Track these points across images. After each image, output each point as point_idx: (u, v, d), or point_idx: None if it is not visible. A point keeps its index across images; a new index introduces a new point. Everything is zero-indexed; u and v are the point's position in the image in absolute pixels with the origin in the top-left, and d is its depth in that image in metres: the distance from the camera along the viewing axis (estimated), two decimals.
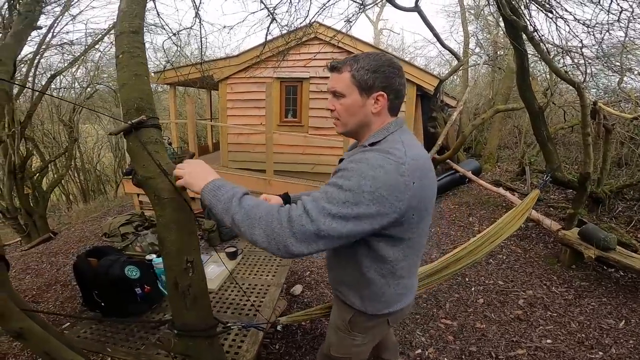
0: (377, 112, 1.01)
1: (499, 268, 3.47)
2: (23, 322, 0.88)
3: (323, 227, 0.84)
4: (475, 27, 9.90)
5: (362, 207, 0.86)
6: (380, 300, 1.09)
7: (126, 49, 1.20)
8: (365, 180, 0.86)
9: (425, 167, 0.97)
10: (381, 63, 0.99)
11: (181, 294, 1.03)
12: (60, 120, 7.50)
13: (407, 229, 0.98)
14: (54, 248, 5.02)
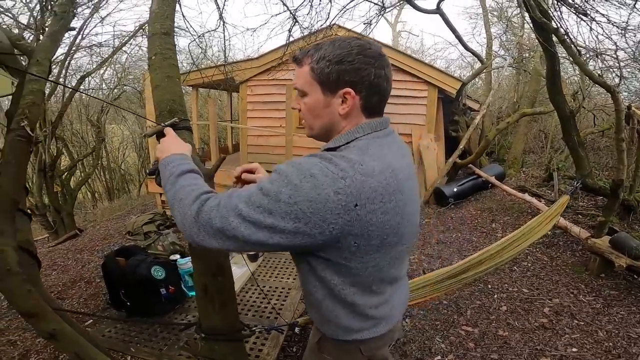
0: (345, 113, 0.81)
1: (524, 276, 3.38)
2: (55, 323, 0.88)
3: (229, 227, 0.72)
4: (499, 28, 9.69)
5: (276, 218, 0.70)
6: (338, 325, 0.89)
7: (158, 50, 1.22)
8: (286, 189, 0.70)
9: (388, 189, 0.75)
10: (347, 51, 0.77)
11: (210, 298, 1.02)
12: (89, 121, 7.77)
13: (348, 256, 0.77)
14: (80, 245, 5.18)
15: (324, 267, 0.81)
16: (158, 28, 1.30)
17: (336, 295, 0.84)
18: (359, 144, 0.79)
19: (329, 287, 0.83)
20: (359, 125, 0.82)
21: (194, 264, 1.03)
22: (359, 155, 0.75)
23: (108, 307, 3.06)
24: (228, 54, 4.17)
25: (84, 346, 0.91)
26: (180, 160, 0.90)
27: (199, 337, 1.13)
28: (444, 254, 4.07)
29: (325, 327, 0.93)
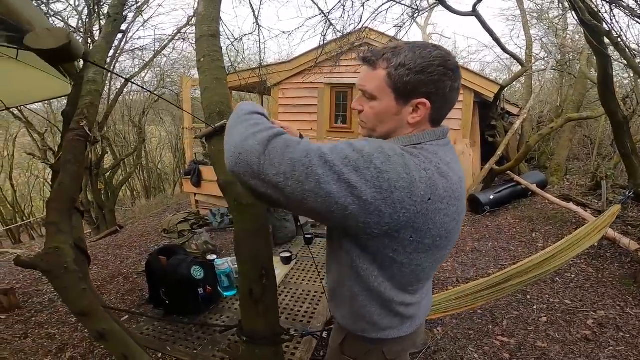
0: (414, 122, 0.79)
1: (567, 287, 3.22)
2: (106, 322, 0.89)
3: (306, 162, 0.65)
4: (539, 30, 9.28)
5: (360, 178, 0.65)
6: (368, 321, 0.89)
7: (207, 52, 1.23)
8: (379, 155, 0.67)
9: (452, 189, 0.75)
10: (430, 61, 0.74)
11: (254, 301, 1.01)
12: (131, 122, 8.14)
13: (399, 249, 0.76)
14: (119, 241, 5.41)
15: (369, 260, 0.79)
16: (205, 30, 1.32)
17: (373, 290, 0.83)
18: (427, 148, 0.78)
19: (368, 281, 0.82)
20: (426, 131, 0.81)
21: (240, 267, 1.02)
22: (432, 157, 0.75)
23: (144, 304, 3.17)
24: (263, 57, 4.22)
25: (131, 347, 0.92)
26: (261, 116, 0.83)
27: (239, 340, 1.13)
28: (479, 263, 3.92)
29: (353, 324, 0.92)
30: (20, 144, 12.11)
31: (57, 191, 0.92)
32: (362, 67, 0.81)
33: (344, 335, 0.98)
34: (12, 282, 4.05)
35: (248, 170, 0.67)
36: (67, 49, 0.48)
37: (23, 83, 2.26)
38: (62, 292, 0.85)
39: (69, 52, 0.49)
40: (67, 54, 0.49)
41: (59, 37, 0.47)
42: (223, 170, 1.04)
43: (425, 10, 5.58)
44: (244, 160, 0.67)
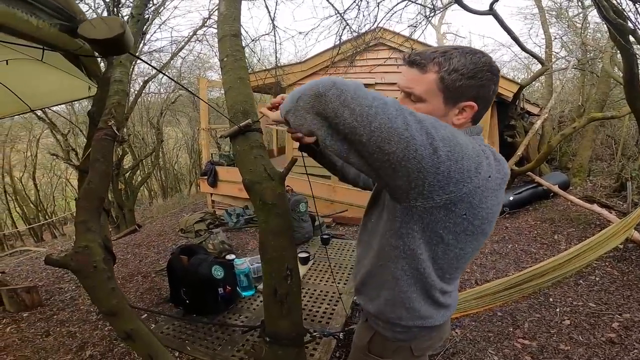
0: (459, 123, 0.83)
1: (591, 290, 3.15)
2: (133, 323, 0.89)
3: (393, 103, 0.68)
4: (558, 28, 9.05)
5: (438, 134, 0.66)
6: (403, 306, 0.90)
7: (229, 52, 1.23)
8: (449, 127, 0.70)
9: (502, 179, 0.80)
10: (480, 66, 0.77)
11: (278, 302, 1.00)
12: (150, 123, 8.30)
13: (450, 226, 0.78)
14: (138, 240, 5.51)
15: (418, 235, 0.81)
16: (227, 30, 1.32)
17: (417, 272, 0.86)
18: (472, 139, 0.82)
19: (414, 262, 0.84)
20: (468, 128, 0.85)
21: (264, 267, 1.01)
22: (487, 148, 0.80)
23: (161, 302, 3.21)
24: (279, 58, 4.23)
25: (157, 348, 0.92)
26: None
27: (262, 340, 1.12)
28: (499, 265, 3.85)
29: (390, 311, 0.93)
30: (43, 145, 12.51)
31: (86, 190, 0.93)
32: (406, 68, 0.83)
33: (371, 333, 0.99)
34: (35, 279, 4.15)
35: (341, 97, 0.68)
36: (121, 39, 0.48)
37: (47, 85, 2.33)
38: (90, 292, 0.85)
39: (123, 43, 0.48)
40: (121, 45, 0.49)
41: (114, 26, 0.46)
42: (248, 170, 1.03)
43: (441, 9, 5.51)
44: (340, 87, 0.69)
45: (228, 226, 5.48)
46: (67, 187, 14.99)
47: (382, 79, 6.49)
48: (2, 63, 1.80)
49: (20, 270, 4.72)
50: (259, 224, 1.00)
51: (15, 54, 1.77)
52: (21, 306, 3.14)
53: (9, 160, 12.54)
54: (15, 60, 1.85)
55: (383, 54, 6.16)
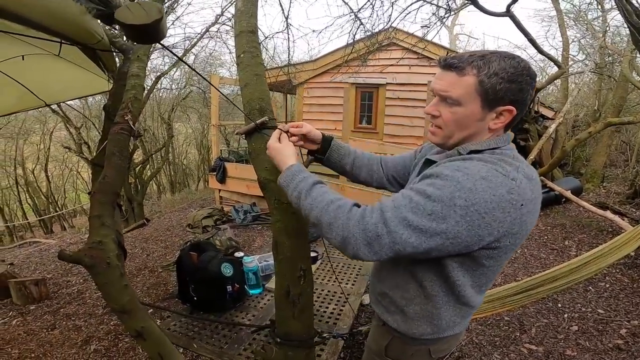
0: (495, 128, 0.82)
1: (600, 296, 3.13)
2: (145, 320, 0.87)
3: (399, 240, 0.74)
4: (576, 31, 8.88)
5: (450, 222, 0.71)
6: (430, 322, 0.90)
7: (246, 48, 1.22)
8: (460, 192, 0.71)
9: (536, 190, 0.79)
10: (520, 70, 0.77)
11: (291, 302, 0.99)
12: (161, 118, 8.36)
13: (494, 255, 0.80)
14: (146, 234, 5.55)
15: (457, 266, 0.82)
16: (244, 26, 1.31)
17: (452, 294, 0.86)
18: (505, 152, 0.82)
19: (450, 285, 0.85)
20: (500, 136, 0.85)
21: (277, 266, 1.00)
22: (513, 160, 0.79)
23: (167, 298, 3.22)
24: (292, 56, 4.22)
25: (168, 347, 0.90)
26: (303, 172, 0.91)
27: (272, 341, 1.10)
28: (508, 270, 3.81)
29: (411, 324, 0.92)
30: (56, 138, 12.69)
31: (102, 184, 0.92)
32: (442, 72, 0.82)
33: (389, 337, 0.98)
34: (44, 272, 4.19)
35: (356, 257, 0.78)
36: (158, 26, 0.46)
37: (63, 80, 2.34)
38: (103, 288, 0.84)
39: (159, 30, 0.46)
40: (158, 32, 0.47)
41: (151, 12, 0.45)
42: (263, 168, 1.02)
43: (456, 10, 5.44)
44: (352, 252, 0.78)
45: (235, 223, 5.49)
46: (77, 179, 15.20)
47: (394, 79, 6.45)
48: (18, 58, 1.81)
49: (29, 262, 4.78)
50: (273, 223, 0.98)
51: (32, 49, 1.78)
52: (29, 299, 3.16)
53: (22, 152, 12.75)
54: (31, 56, 1.86)
55: (395, 54, 6.12)
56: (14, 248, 7.52)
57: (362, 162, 1.15)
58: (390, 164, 1.16)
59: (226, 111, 10.34)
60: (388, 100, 6.58)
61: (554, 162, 5.08)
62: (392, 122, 6.57)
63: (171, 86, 8.98)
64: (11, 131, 11.70)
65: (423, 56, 6.05)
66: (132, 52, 1.38)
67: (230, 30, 7.24)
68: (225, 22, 7.08)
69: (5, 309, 3.10)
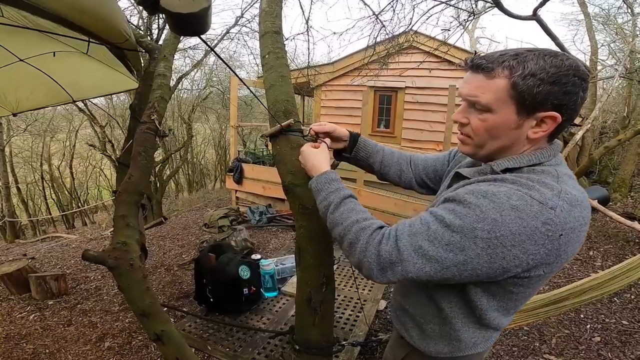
0: (536, 137, 0.70)
1: (625, 307, 3.02)
2: (164, 323, 0.86)
3: (412, 269, 0.69)
4: (605, 35, 8.60)
5: (469, 254, 0.65)
6: (448, 342, 0.84)
7: (271, 49, 1.20)
8: (482, 224, 0.64)
9: (582, 216, 0.68)
10: (564, 70, 0.65)
11: (312, 310, 0.96)
12: (181, 118, 8.50)
13: (523, 283, 0.72)
14: (163, 232, 5.63)
15: (480, 291, 0.75)
16: (269, 26, 1.29)
17: (474, 316, 0.80)
18: (548, 170, 0.71)
19: (472, 309, 0.78)
20: (543, 149, 0.73)
21: (299, 273, 0.97)
22: (557, 182, 0.68)
23: (182, 297, 3.23)
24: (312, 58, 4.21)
25: (186, 353, 0.89)
26: (337, 182, 0.89)
27: (291, 348, 1.08)
28: None
29: (427, 343, 0.87)
30: (82, 135, 13.10)
31: (127, 184, 0.92)
32: (469, 74, 0.73)
33: (406, 351, 0.93)
34: (64, 267, 4.28)
35: (371, 278, 0.76)
36: (205, 15, 0.43)
37: (90, 77, 2.39)
38: (125, 290, 0.83)
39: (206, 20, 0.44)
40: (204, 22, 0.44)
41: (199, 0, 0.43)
42: (288, 172, 0.99)
43: (480, 14, 5.34)
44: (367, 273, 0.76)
45: (250, 224, 5.51)
46: (100, 176, 15.64)
47: (413, 83, 6.36)
48: (49, 55, 1.86)
49: (50, 256, 4.89)
50: (296, 229, 0.96)
51: (62, 47, 1.82)
52: (47, 294, 3.19)
53: (48, 149, 13.21)
54: (61, 53, 1.91)
55: (415, 57, 6.04)
56: (37, 242, 7.76)
57: (390, 161, 1.11)
58: (420, 165, 1.10)
59: (244, 112, 10.45)
60: (407, 104, 6.49)
61: (580, 170, 4.90)
62: (411, 126, 6.49)
63: (192, 87, 9.16)
64: (39, 128, 12.14)
65: (444, 60, 5.95)
66: (157, 51, 1.39)
67: (249, 32, 7.32)
68: (244, 24, 7.16)
69: (23, 303, 3.15)
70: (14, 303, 3.16)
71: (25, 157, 13.34)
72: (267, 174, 5.93)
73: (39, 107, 2.66)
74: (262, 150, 7.39)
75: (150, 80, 1.21)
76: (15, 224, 10.03)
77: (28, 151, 13.27)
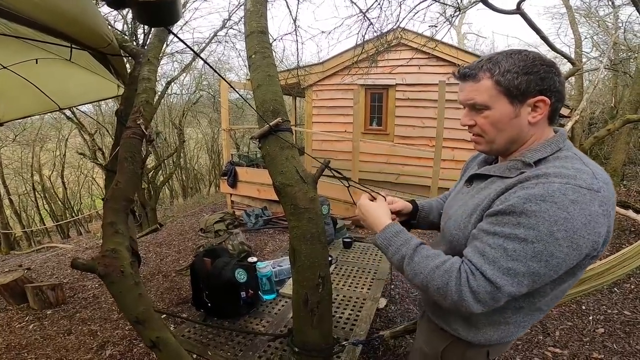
0: (535, 121, 0.80)
1: (626, 298, 3.07)
2: (160, 330, 0.84)
3: (513, 289, 0.74)
4: (588, 28, 8.76)
5: (559, 255, 0.71)
6: (497, 329, 0.90)
7: (257, 49, 1.19)
8: (557, 226, 0.69)
9: (611, 189, 0.76)
10: (530, 61, 0.78)
11: (309, 311, 0.95)
12: (172, 123, 8.45)
13: (586, 264, 0.78)
14: (159, 239, 5.58)
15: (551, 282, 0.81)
16: (255, 26, 1.28)
17: (529, 302, 0.85)
18: (569, 155, 0.79)
19: (534, 297, 0.84)
20: (557, 134, 0.83)
21: (295, 275, 0.96)
22: (585, 165, 0.76)
23: (181, 302, 3.20)
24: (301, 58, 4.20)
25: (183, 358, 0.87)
26: (402, 232, 0.92)
27: (290, 350, 1.06)
28: None
29: (475, 332, 0.91)
30: (72, 144, 12.96)
31: (114, 190, 0.90)
32: (461, 84, 0.85)
33: (448, 341, 0.98)
34: (60, 277, 4.24)
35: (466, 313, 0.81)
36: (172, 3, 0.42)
37: (75, 84, 2.36)
38: (117, 298, 0.81)
39: (173, 9, 0.42)
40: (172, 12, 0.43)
41: None
42: (279, 171, 0.98)
43: (465, 9, 5.38)
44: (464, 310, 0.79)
45: (247, 227, 5.48)
46: (92, 185, 15.48)
47: (403, 80, 6.37)
48: (32, 62, 1.82)
49: (46, 266, 4.84)
50: (289, 230, 0.94)
51: (45, 54, 1.79)
52: (45, 304, 3.17)
53: (38, 159, 13.04)
54: (44, 60, 1.87)
55: (404, 54, 6.05)
56: (32, 253, 7.66)
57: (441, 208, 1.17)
58: None
59: (236, 115, 10.41)
60: (398, 101, 6.51)
61: None
62: (403, 123, 6.50)
63: (181, 91, 9.10)
64: (27, 138, 11.98)
65: (432, 56, 5.97)
66: (142, 56, 1.37)
67: (238, 34, 7.28)
68: (232, 26, 7.12)
69: (22, 313, 3.13)
70: (13, 313, 3.14)
71: (16, 168, 13.16)
72: (261, 177, 5.90)
73: (26, 115, 2.62)
74: (256, 153, 7.37)
75: (136, 84, 1.19)
76: (9, 236, 9.89)
77: (18, 162, 13.10)
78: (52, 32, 0.77)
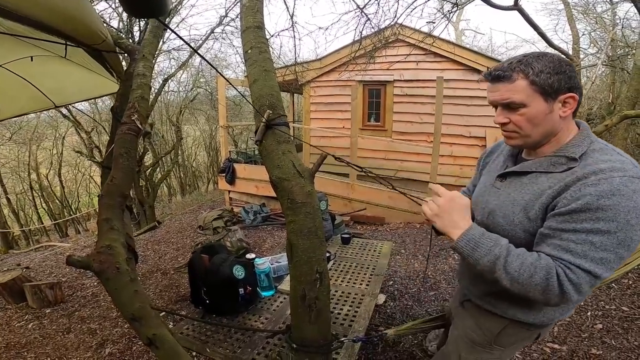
0: (565, 116, 0.90)
1: (624, 294, 3.06)
2: (157, 327, 0.84)
3: (607, 275, 0.83)
4: (586, 24, 8.77)
5: (636, 239, 0.81)
6: (560, 307, 1.02)
7: (254, 44, 1.18)
8: (630, 215, 0.80)
9: None
10: (559, 63, 0.87)
11: (307, 307, 0.94)
12: (169, 120, 8.41)
13: None
14: (158, 236, 5.57)
15: None
16: (251, 21, 1.27)
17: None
18: (602, 147, 0.89)
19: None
20: (583, 128, 0.94)
21: (292, 270, 0.96)
22: (621, 155, 0.87)
23: (180, 300, 3.20)
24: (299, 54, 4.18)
25: (181, 357, 0.86)
26: (485, 236, 0.93)
27: (288, 346, 1.06)
28: None
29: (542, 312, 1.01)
30: (68, 142, 12.89)
31: (109, 187, 0.89)
32: (492, 85, 0.92)
33: (504, 324, 1.06)
34: (59, 275, 4.23)
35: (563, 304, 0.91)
36: None
37: (71, 82, 2.34)
38: (113, 295, 0.81)
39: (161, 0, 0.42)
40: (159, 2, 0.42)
41: None
42: (275, 166, 0.98)
43: (463, 5, 5.37)
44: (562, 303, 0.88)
45: (245, 224, 5.48)
46: (90, 183, 15.43)
47: (401, 76, 6.36)
48: (27, 60, 1.81)
49: (45, 265, 4.83)
50: (286, 225, 0.94)
51: (40, 51, 1.77)
52: (44, 302, 3.16)
53: (35, 157, 12.98)
54: (39, 58, 1.86)
55: (402, 50, 6.03)
56: (30, 252, 7.64)
57: None
58: None
59: (233, 112, 10.37)
60: (396, 97, 6.50)
61: None
62: (401, 119, 6.49)
63: (178, 89, 9.05)
64: (24, 137, 11.92)
65: (430, 52, 5.95)
66: (138, 52, 1.35)
67: (234, 31, 7.24)
68: (229, 22, 7.08)
69: (21, 312, 3.12)
70: (12, 312, 3.13)
71: (13, 166, 13.09)
72: (259, 173, 5.89)
73: (22, 113, 2.60)
74: (254, 150, 7.35)
75: (131, 81, 1.18)
76: (7, 235, 9.86)
77: (15, 161, 13.03)
78: (46, 29, 0.76)
